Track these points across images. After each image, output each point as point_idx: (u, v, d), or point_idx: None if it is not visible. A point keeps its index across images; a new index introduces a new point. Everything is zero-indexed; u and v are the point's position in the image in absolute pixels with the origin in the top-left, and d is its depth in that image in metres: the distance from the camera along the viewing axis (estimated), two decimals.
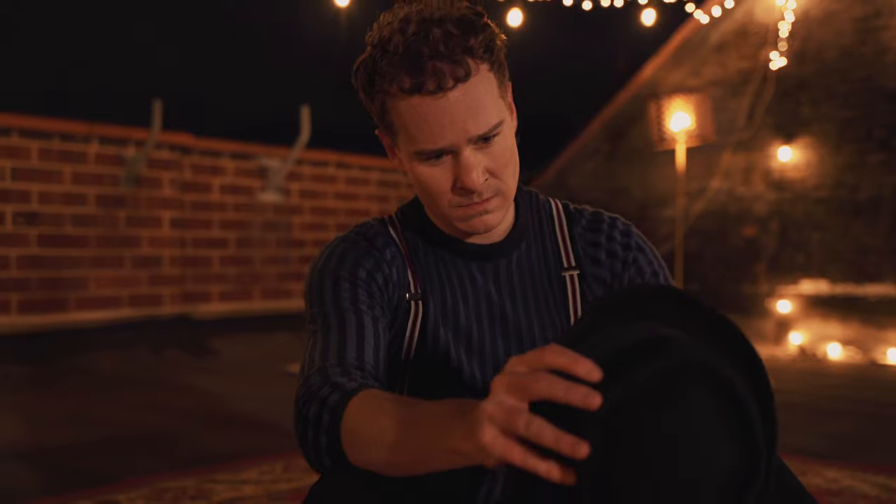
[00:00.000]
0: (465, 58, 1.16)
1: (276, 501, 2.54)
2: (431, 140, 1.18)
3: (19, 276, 5.15)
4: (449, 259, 1.37)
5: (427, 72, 1.15)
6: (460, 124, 1.18)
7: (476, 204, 1.23)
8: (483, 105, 1.19)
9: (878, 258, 6.20)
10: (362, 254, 1.34)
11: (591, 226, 1.40)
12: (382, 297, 1.33)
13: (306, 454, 1.18)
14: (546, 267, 1.37)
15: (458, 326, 1.35)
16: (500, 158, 1.24)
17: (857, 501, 2.53)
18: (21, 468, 2.99)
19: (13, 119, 5.14)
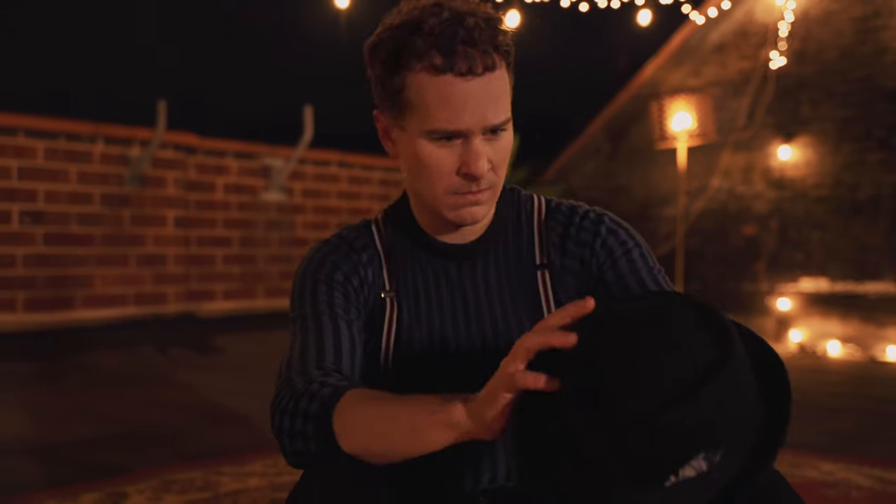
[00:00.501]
0: (492, 50, 1.22)
1: (281, 492, 2.59)
2: (450, 120, 1.22)
3: (25, 274, 5.21)
4: (426, 259, 1.42)
5: (459, 54, 1.19)
6: (481, 110, 1.22)
7: (471, 193, 1.27)
8: (500, 98, 1.25)
9: (877, 256, 6.26)
10: (340, 258, 1.40)
11: (564, 219, 1.44)
12: (358, 298, 1.39)
13: (285, 446, 1.23)
14: (520, 263, 1.41)
15: (432, 324, 1.40)
16: (501, 154, 1.29)
17: (852, 492, 2.58)
18: (29, 462, 3.04)
19: (19, 119, 5.20)
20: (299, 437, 1.20)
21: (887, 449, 3.26)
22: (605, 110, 7.81)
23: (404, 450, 1.14)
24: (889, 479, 2.74)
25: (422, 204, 1.36)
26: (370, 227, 1.44)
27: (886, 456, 3.10)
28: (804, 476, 2.75)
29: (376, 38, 1.26)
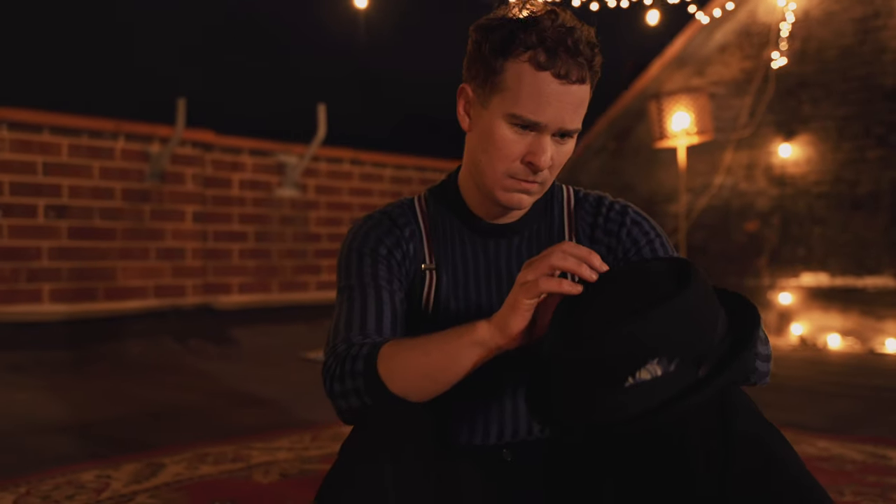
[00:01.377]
0: (587, 66, 1.39)
1: (309, 464, 2.76)
2: (534, 112, 1.37)
3: (51, 266, 5.37)
4: (468, 235, 1.58)
5: (561, 59, 1.35)
6: (561, 113, 1.38)
7: (525, 181, 1.43)
8: (579, 109, 1.41)
9: (876, 251, 6.38)
10: (384, 232, 1.56)
11: (592, 209, 1.61)
12: (401, 270, 1.55)
13: (339, 406, 1.40)
14: (550, 244, 1.58)
15: (469, 295, 1.56)
16: (562, 157, 1.45)
17: (845, 465, 2.74)
18: (66, 439, 3.21)
19: (45, 116, 5.35)
20: (352, 394, 1.37)
21: (881, 430, 3.40)
22: (611, 109, 7.92)
23: (443, 377, 1.33)
24: (881, 454, 2.90)
25: (477, 181, 1.50)
26: (413, 204, 1.61)
27: (880, 436, 3.26)
28: (801, 451, 2.89)
29: (490, 21, 1.42)
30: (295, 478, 2.57)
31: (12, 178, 5.19)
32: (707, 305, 1.18)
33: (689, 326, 1.13)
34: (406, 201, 1.62)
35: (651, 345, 1.11)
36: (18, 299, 5.19)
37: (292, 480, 2.54)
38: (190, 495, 2.38)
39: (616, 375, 1.12)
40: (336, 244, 7.02)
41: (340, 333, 1.47)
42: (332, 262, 6.99)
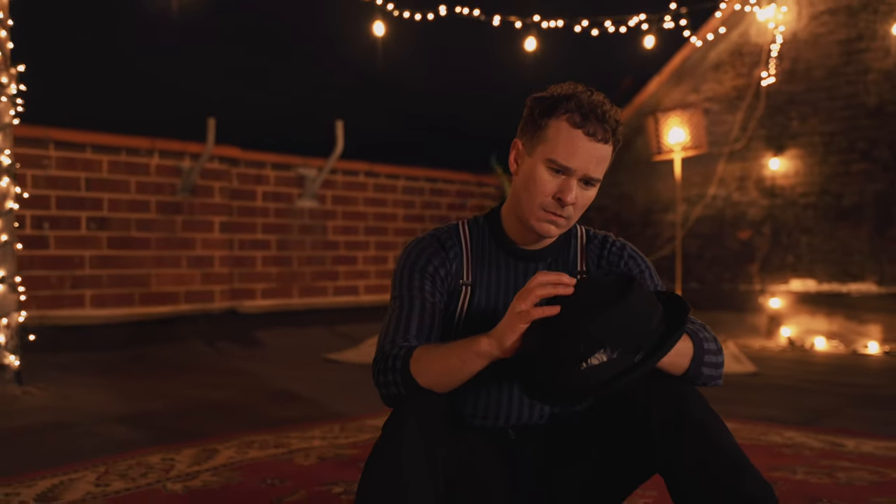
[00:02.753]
0: (610, 133, 1.84)
1: (341, 450, 3.19)
2: (567, 159, 1.82)
3: (92, 273, 5.82)
4: (503, 257, 2.02)
5: (592, 122, 1.81)
6: (587, 163, 1.84)
7: (554, 214, 1.87)
8: (602, 163, 1.86)
9: (860, 259, 6.79)
10: (433, 253, 2.00)
11: (599, 245, 2.06)
12: (443, 285, 1.99)
13: (382, 393, 1.86)
14: (566, 269, 2.02)
15: (497, 306, 2.00)
16: (584, 199, 1.90)
17: (804, 451, 3.15)
18: (128, 428, 3.65)
19: (87, 136, 5.80)
20: (392, 384, 1.82)
21: (851, 423, 3.80)
22: None
23: (457, 376, 1.79)
24: (838, 442, 3.32)
25: (517, 212, 1.94)
26: (458, 229, 2.05)
27: (842, 427, 3.67)
28: (768, 440, 3.33)
29: (542, 94, 1.88)
30: (331, 461, 3.01)
31: (58, 192, 5.64)
32: (643, 308, 1.62)
33: (626, 325, 1.58)
34: (452, 226, 2.07)
35: (600, 340, 1.57)
36: (63, 304, 5.64)
37: (329, 463, 2.98)
38: (244, 474, 2.82)
39: (576, 360, 1.59)
40: (352, 252, 7.47)
41: (389, 335, 1.92)
42: (348, 269, 7.43)
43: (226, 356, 6.05)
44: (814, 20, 7.06)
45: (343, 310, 7.34)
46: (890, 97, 6.67)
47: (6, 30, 4.34)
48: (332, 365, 5.77)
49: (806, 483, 2.67)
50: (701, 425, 1.69)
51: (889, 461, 2.98)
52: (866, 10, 6.77)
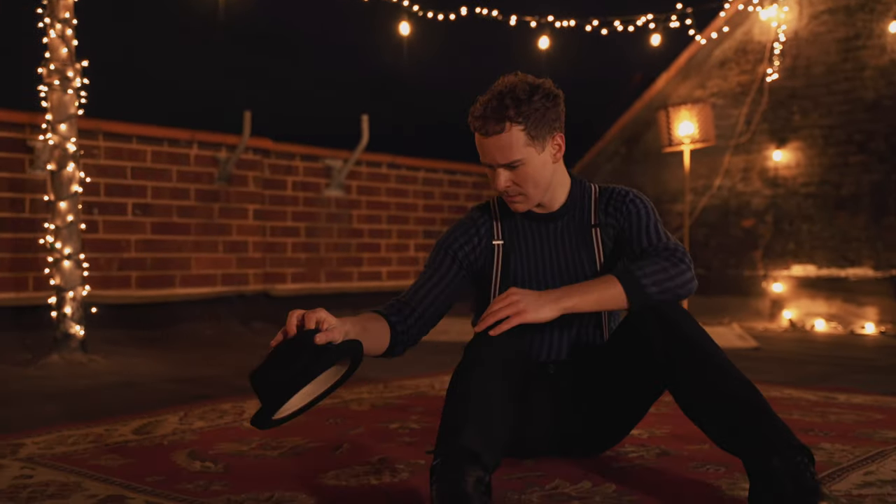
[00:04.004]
0: (502, 122, 2.22)
1: (388, 400, 3.59)
2: (483, 158, 2.28)
3: (137, 256, 6.22)
4: (527, 222, 2.43)
5: (482, 123, 2.24)
6: (493, 155, 2.26)
7: (509, 197, 2.31)
8: (506, 149, 2.25)
9: (857, 245, 7.17)
10: (462, 232, 2.46)
11: (607, 197, 2.46)
12: (468, 258, 2.43)
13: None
14: (583, 224, 2.42)
15: (528, 259, 2.41)
16: (522, 177, 2.30)
17: (800, 402, 3.54)
18: (190, 387, 4.05)
19: (133, 128, 6.20)
20: None
21: (843, 384, 4.19)
22: (622, 118, 8.72)
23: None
24: (831, 396, 3.70)
25: None
26: (489, 203, 2.47)
27: (836, 385, 4.05)
28: (768, 395, 3.70)
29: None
30: (382, 408, 3.41)
31: (107, 180, 6.04)
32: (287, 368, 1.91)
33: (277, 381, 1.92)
34: (486, 202, 2.48)
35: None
36: (111, 285, 6.04)
37: (381, 409, 3.38)
38: (307, 417, 3.21)
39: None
40: (376, 239, 7.87)
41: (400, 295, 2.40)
42: (372, 255, 7.83)
43: (261, 335, 6.45)
44: (814, 19, 7.45)
45: (367, 294, 7.73)
46: (886, 92, 7.04)
47: (71, 28, 4.75)
48: None
49: (800, 420, 3.07)
50: (691, 344, 2.07)
51: (875, 408, 3.36)
52: (863, 10, 7.15)
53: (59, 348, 4.70)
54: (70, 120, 4.71)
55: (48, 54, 4.69)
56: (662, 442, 2.73)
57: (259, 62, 9.37)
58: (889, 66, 7.02)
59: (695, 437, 2.72)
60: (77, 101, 4.76)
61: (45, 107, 4.74)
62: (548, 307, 2.07)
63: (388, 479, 2.31)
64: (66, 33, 4.68)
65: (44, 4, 4.70)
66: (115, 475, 2.35)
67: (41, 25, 4.72)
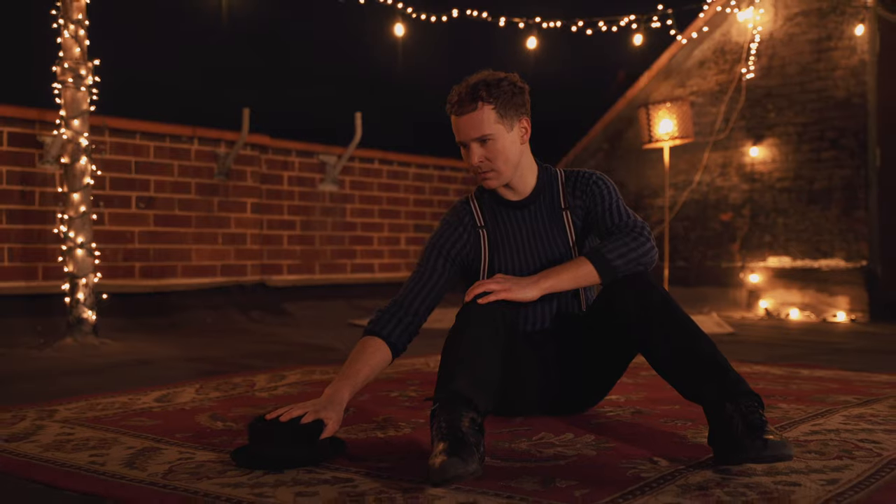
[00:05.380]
0: (475, 101, 2.54)
1: (387, 375, 3.87)
2: (458, 137, 2.59)
3: (141, 247, 6.48)
4: (503, 209, 2.73)
5: (456, 106, 2.57)
6: (466, 132, 2.57)
7: (479, 174, 2.61)
8: (480, 124, 2.57)
9: (829, 238, 7.50)
10: (450, 230, 2.76)
11: (573, 179, 2.75)
12: (459, 253, 2.73)
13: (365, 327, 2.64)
14: (553, 208, 2.72)
15: (509, 244, 2.70)
16: (493, 152, 2.60)
17: (768, 375, 3.85)
18: (201, 365, 4.32)
19: (137, 124, 6.45)
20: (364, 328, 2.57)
21: (807, 361, 4.49)
22: (606, 115, 9.01)
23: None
24: (796, 371, 4.01)
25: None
26: (468, 198, 2.79)
27: (803, 363, 4.36)
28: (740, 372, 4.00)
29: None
30: (383, 380, 3.69)
31: (112, 174, 6.29)
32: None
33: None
34: (465, 198, 2.82)
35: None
36: (117, 275, 6.30)
37: (381, 381, 3.67)
38: (314, 387, 3.50)
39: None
40: (368, 233, 8.14)
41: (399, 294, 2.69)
42: (364, 248, 8.10)
43: (259, 323, 6.73)
44: (788, 21, 7.77)
45: (360, 285, 8.02)
46: (855, 91, 7.37)
47: (83, 28, 5.01)
48: (357, 329, 6.44)
49: (764, 389, 3.37)
50: (660, 307, 2.36)
51: (833, 380, 3.67)
52: (835, 13, 7.47)
53: (72, 332, 4.96)
54: (83, 116, 4.97)
55: (62, 53, 4.95)
56: (637, 404, 3.03)
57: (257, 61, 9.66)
58: (859, 67, 7.35)
59: (667, 400, 3.02)
60: (89, 97, 5.02)
61: (59, 103, 4.99)
62: (530, 288, 2.40)
63: (392, 433, 2.60)
64: (79, 33, 4.94)
65: (57, 6, 4.95)
66: (146, 432, 2.63)
67: (55, 26, 4.98)
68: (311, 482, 2.01)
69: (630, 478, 2.01)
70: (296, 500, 1.86)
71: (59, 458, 2.30)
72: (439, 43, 7.72)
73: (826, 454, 2.20)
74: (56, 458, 2.29)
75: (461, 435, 2.00)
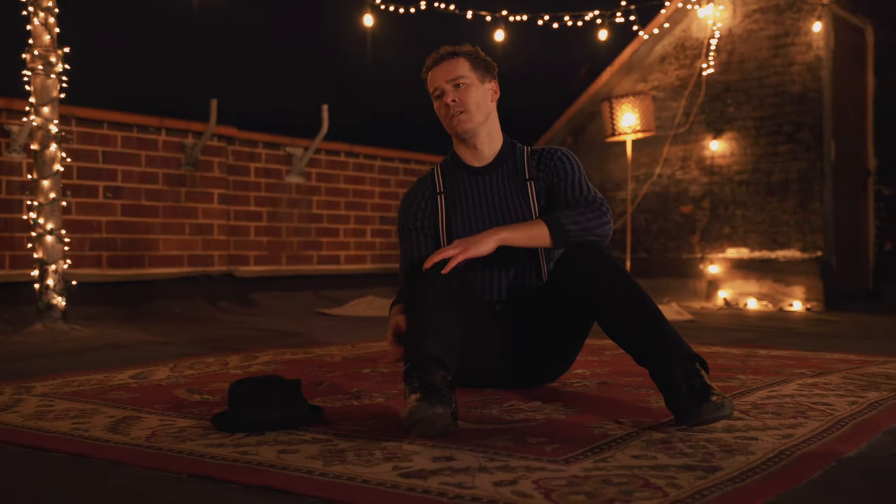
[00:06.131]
0: (453, 55, 2.77)
1: (357, 355, 3.95)
2: (432, 87, 2.77)
3: (108, 237, 6.48)
4: (464, 175, 2.85)
5: (435, 61, 2.77)
6: (443, 76, 2.76)
7: (455, 116, 2.75)
8: (455, 68, 2.77)
9: (786, 229, 7.69)
10: (412, 200, 2.92)
11: (538, 155, 2.87)
12: (424, 216, 2.86)
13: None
14: (517, 177, 2.82)
15: (469, 208, 2.81)
16: (465, 96, 2.77)
17: (726, 356, 3.98)
18: (173, 349, 4.36)
19: (104, 114, 6.45)
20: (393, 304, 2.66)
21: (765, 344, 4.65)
22: (569, 109, 9.16)
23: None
24: (753, 351, 4.15)
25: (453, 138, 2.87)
26: (433, 169, 2.90)
27: (760, 344, 4.51)
28: (699, 351, 4.13)
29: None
30: (353, 360, 3.77)
31: (79, 164, 6.30)
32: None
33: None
34: (431, 169, 2.96)
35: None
36: (84, 264, 6.31)
37: (352, 360, 3.75)
38: (287, 366, 3.57)
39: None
40: (334, 224, 8.20)
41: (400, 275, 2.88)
42: (331, 240, 8.17)
43: (227, 313, 6.76)
44: (747, 17, 7.95)
45: (326, 276, 8.07)
46: (812, 86, 7.57)
47: (53, 16, 5.03)
48: (324, 317, 6.52)
49: (723, 364, 3.50)
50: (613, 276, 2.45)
51: (790, 358, 3.81)
52: (791, 10, 7.67)
53: (42, 318, 4.98)
54: (52, 103, 4.99)
55: (31, 41, 4.96)
56: (603, 377, 3.14)
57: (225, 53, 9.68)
58: (815, 62, 7.55)
59: (631, 373, 3.14)
60: (59, 85, 5.04)
61: (29, 90, 5.01)
62: (484, 241, 2.50)
63: (367, 402, 2.68)
64: (48, 21, 4.96)
65: None
66: (125, 404, 2.69)
67: (25, 13, 5.00)
68: (292, 442, 2.09)
69: (597, 435, 2.11)
70: (279, 457, 1.94)
71: (43, 425, 2.36)
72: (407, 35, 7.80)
73: (782, 415, 2.33)
74: (39, 426, 2.35)
75: (432, 387, 2.11)
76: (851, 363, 3.52)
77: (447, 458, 1.89)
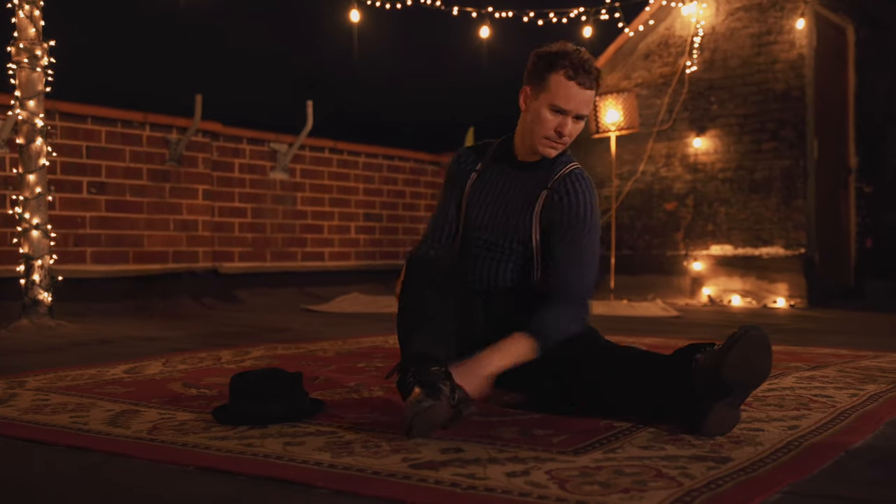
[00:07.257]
0: (595, 82, 2.52)
1: (349, 349, 3.94)
2: (565, 104, 2.49)
3: (92, 233, 6.43)
4: (506, 164, 2.73)
5: (581, 75, 2.47)
6: (579, 105, 2.51)
7: (554, 142, 2.57)
8: (589, 104, 2.55)
9: (769, 226, 7.75)
10: (460, 156, 2.84)
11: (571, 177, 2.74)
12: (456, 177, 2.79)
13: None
14: (539, 182, 2.75)
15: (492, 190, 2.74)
16: (577, 130, 2.59)
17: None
18: (163, 344, 4.33)
19: (88, 109, 6.40)
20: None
21: None
22: None
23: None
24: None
25: (526, 139, 2.63)
26: (491, 142, 2.81)
27: None
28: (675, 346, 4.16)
29: (543, 51, 2.54)
30: (346, 354, 3.76)
31: (63, 159, 6.24)
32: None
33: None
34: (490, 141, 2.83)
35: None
36: (68, 260, 6.25)
37: (345, 355, 3.73)
38: (281, 361, 3.56)
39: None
40: (319, 221, 8.18)
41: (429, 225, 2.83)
42: (315, 236, 8.14)
43: (212, 309, 6.73)
44: (730, 16, 8.00)
45: (310, 273, 8.05)
46: (794, 84, 7.62)
47: (39, 9, 4.98)
48: (311, 314, 6.49)
49: None
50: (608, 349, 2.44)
51: (781, 352, 3.83)
52: (774, 8, 7.72)
53: (27, 314, 4.93)
54: (38, 96, 4.94)
55: (17, 34, 4.91)
56: None
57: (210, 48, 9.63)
58: (797, 60, 7.60)
59: None
60: (45, 78, 4.99)
61: (14, 84, 4.96)
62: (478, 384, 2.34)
63: (367, 395, 2.67)
64: (34, 14, 4.91)
65: None
66: (122, 398, 2.66)
67: (10, 6, 4.94)
68: (297, 434, 2.08)
69: (603, 427, 2.11)
70: (285, 449, 1.93)
71: (40, 419, 2.33)
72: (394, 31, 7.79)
73: (785, 407, 2.34)
74: (37, 420, 2.32)
75: (429, 380, 2.11)
76: (843, 357, 3.55)
77: (456, 450, 1.89)
